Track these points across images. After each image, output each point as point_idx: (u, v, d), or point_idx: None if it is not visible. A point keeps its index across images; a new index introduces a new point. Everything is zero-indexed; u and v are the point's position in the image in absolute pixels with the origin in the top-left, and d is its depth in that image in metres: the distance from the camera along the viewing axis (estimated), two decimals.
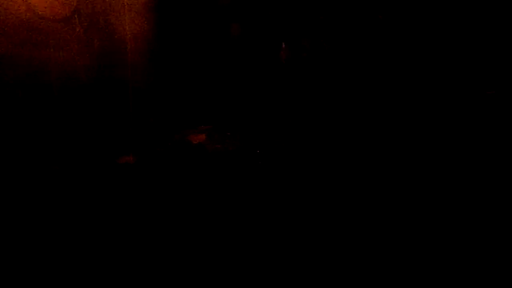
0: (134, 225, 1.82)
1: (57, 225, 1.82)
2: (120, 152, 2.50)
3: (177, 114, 2.85)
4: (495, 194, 1.90)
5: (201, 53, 3.22)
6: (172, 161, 2.31)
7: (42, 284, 1.41)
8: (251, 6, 3.32)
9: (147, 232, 1.76)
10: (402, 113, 2.56)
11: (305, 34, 3.22)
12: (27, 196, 2.07)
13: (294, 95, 2.96)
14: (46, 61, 2.39)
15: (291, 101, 2.92)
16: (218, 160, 2.29)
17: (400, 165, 2.22)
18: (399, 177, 2.14)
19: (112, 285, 1.42)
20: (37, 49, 2.33)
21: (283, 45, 3.20)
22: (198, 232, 1.75)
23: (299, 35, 3.24)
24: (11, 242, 1.65)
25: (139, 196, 2.08)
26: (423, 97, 2.56)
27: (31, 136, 2.30)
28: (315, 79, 3.02)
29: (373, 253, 1.55)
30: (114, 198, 2.08)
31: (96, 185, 2.23)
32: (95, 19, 2.63)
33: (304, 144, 2.50)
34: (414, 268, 1.46)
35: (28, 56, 2.29)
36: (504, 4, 2.43)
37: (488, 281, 1.38)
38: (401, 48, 2.77)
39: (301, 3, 3.19)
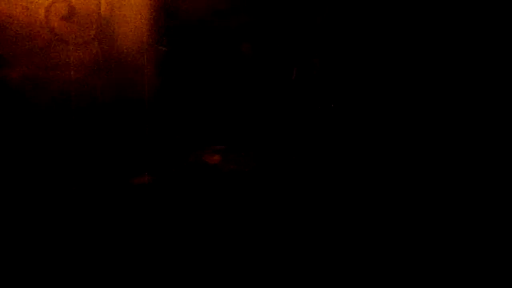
0: (149, 247, 1.83)
1: (70, 245, 1.83)
2: (135, 172, 2.52)
3: (191, 134, 2.88)
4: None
5: (214, 72, 3.28)
6: (188, 183, 2.33)
7: None
8: (262, 26, 3.39)
9: (161, 254, 1.76)
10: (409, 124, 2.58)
11: (315, 53, 3.27)
12: (44, 217, 2.09)
13: (307, 113, 2.98)
14: (67, 83, 2.44)
15: (304, 120, 2.94)
16: (234, 181, 2.31)
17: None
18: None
19: None
20: (59, 71, 2.39)
21: (295, 67, 3.25)
22: (213, 255, 1.75)
23: (310, 54, 3.29)
24: (25, 260, 1.66)
25: (154, 218, 2.09)
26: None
27: (50, 156, 2.33)
28: (326, 97, 3.05)
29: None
30: (129, 220, 2.09)
31: (112, 206, 2.24)
32: (113, 43, 2.69)
33: (321, 163, 2.51)
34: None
35: (50, 78, 2.35)
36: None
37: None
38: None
39: (311, 24, 3.26)
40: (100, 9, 2.55)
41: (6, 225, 1.94)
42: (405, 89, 2.79)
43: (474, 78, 2.55)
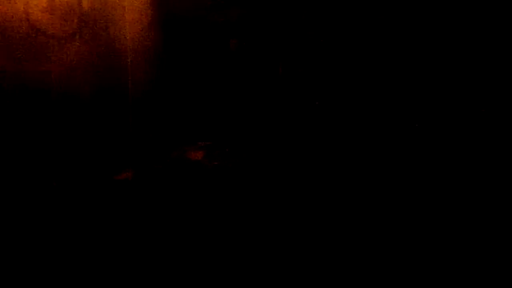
0: (129, 240, 1.81)
1: (51, 239, 1.80)
2: (118, 168, 2.50)
3: (176, 130, 2.86)
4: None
5: (200, 69, 3.26)
6: (170, 178, 2.31)
7: None
8: (249, 23, 3.37)
9: (142, 247, 1.75)
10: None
11: (301, 51, 3.27)
12: (24, 211, 2.06)
13: (292, 110, 2.98)
14: (48, 75, 2.40)
15: (290, 117, 2.94)
16: (216, 177, 2.30)
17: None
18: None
19: None
20: (39, 64, 2.35)
21: (280, 63, 3.24)
22: (194, 248, 1.74)
23: (295, 52, 3.29)
24: (8, 254, 1.64)
25: (135, 213, 2.07)
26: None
27: (31, 149, 2.30)
28: (311, 93, 3.05)
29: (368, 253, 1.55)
30: (110, 215, 2.07)
31: (93, 202, 2.22)
32: (95, 36, 2.65)
33: (304, 160, 2.51)
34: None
35: (30, 71, 2.31)
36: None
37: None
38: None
39: (297, 22, 3.25)
40: (81, 2, 2.51)
41: None
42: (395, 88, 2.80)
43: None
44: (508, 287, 1.34)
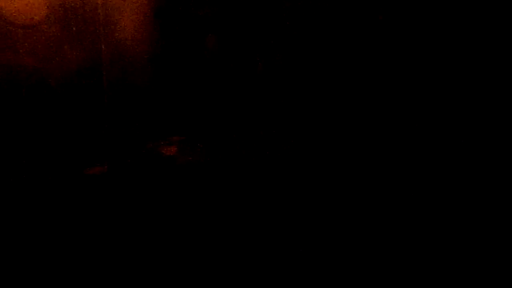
0: (100, 238, 1.77)
1: (13, 239, 1.75)
2: (87, 162, 2.44)
3: (149, 124, 2.82)
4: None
5: (175, 62, 3.21)
6: (141, 173, 2.27)
7: None
8: (228, 17, 3.34)
9: (111, 244, 1.72)
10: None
11: (279, 48, 3.27)
12: None
13: (268, 108, 2.98)
14: (16, 67, 2.32)
15: (264, 114, 2.94)
16: (188, 172, 2.27)
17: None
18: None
19: None
20: (4, 55, 2.27)
21: (259, 59, 3.23)
22: (163, 244, 1.72)
23: (274, 50, 3.28)
24: None
25: (105, 209, 2.03)
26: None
27: None
28: (287, 92, 3.05)
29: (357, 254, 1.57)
30: (77, 211, 2.02)
31: (57, 197, 2.16)
32: (67, 26, 2.57)
33: (277, 156, 2.52)
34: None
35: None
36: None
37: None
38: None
39: (276, 19, 3.24)
40: None
41: None
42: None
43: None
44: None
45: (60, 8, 2.47)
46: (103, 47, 2.84)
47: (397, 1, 2.78)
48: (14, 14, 2.26)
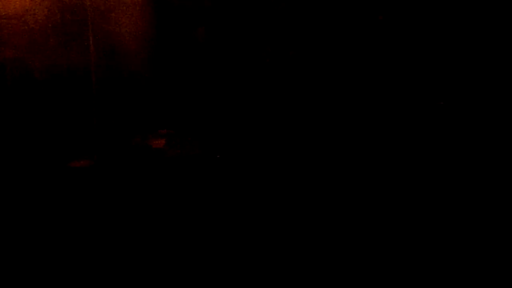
0: (83, 231, 1.73)
1: None
2: (74, 155, 2.39)
3: (137, 117, 2.77)
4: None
5: (164, 55, 3.17)
6: (128, 166, 2.23)
7: None
8: (217, 10, 3.31)
9: (94, 237, 1.68)
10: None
11: (269, 41, 3.25)
12: None
13: (257, 100, 2.96)
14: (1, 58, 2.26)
15: (253, 106, 2.92)
16: (176, 165, 2.24)
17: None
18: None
19: None
20: None
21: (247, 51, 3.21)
22: (148, 239, 1.68)
23: (263, 42, 3.26)
24: None
25: (90, 203, 1.99)
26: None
27: None
28: (277, 84, 3.04)
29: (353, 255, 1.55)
30: (58, 204, 1.97)
31: (41, 190, 2.11)
32: (51, 16, 2.52)
33: (266, 150, 2.49)
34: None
35: None
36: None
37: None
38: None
39: (266, 12, 3.22)
40: None
41: None
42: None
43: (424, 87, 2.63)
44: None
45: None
46: (91, 39, 2.79)
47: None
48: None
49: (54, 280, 1.38)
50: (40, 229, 1.75)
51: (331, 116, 2.74)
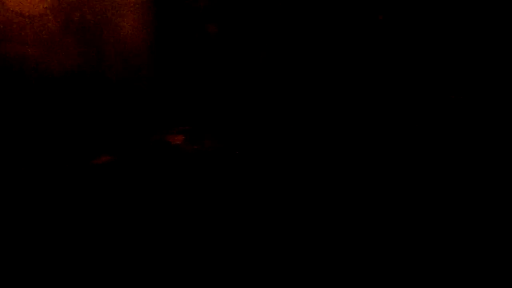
0: (101, 228, 1.80)
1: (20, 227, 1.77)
2: (96, 151, 2.46)
3: (156, 114, 2.83)
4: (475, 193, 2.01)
5: (179, 54, 3.21)
6: (149, 162, 2.30)
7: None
8: (228, 7, 3.34)
9: (114, 234, 1.75)
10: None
11: (281, 36, 3.28)
12: None
13: (271, 95, 3.01)
14: (23, 58, 2.31)
15: (268, 102, 2.96)
16: (195, 160, 2.30)
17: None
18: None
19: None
20: (14, 45, 2.26)
21: (262, 49, 3.25)
22: (169, 233, 1.75)
23: (275, 37, 3.29)
24: None
25: (110, 198, 2.06)
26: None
27: (3, 131, 2.22)
28: (290, 79, 3.08)
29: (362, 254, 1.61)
30: (80, 200, 2.04)
31: (64, 187, 2.18)
32: (71, 15, 2.57)
33: (283, 145, 2.55)
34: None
35: (5, 53, 2.22)
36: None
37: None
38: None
39: (274, 10, 3.25)
40: None
41: None
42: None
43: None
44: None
45: (64, 1, 2.46)
46: (106, 39, 2.83)
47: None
48: (19, 4, 2.24)
49: (87, 268, 1.46)
50: (64, 223, 1.82)
51: (352, 112, 2.79)
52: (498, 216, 1.82)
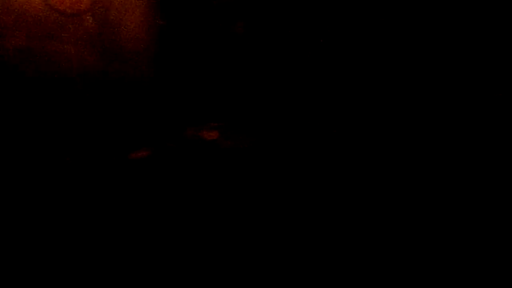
0: (141, 222, 1.84)
1: (60, 219, 1.83)
2: (132, 146, 2.52)
3: (189, 111, 2.88)
4: (495, 193, 2.00)
5: (208, 51, 3.25)
6: (185, 157, 2.34)
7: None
8: (255, 4, 3.35)
9: (152, 229, 1.79)
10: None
11: (309, 34, 3.27)
12: (35, 187, 2.07)
13: (303, 93, 3.01)
14: (63, 55, 2.38)
15: (300, 99, 2.97)
16: (230, 157, 2.33)
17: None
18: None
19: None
20: (54, 43, 2.33)
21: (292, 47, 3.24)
22: (205, 229, 1.78)
23: (304, 36, 3.29)
24: (16, 235, 1.66)
25: (149, 192, 2.10)
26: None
27: (46, 126, 2.29)
28: (320, 77, 3.07)
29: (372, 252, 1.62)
30: (124, 192, 2.09)
31: (104, 181, 2.24)
32: (108, 16, 2.62)
33: (315, 142, 2.56)
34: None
35: (45, 50, 2.29)
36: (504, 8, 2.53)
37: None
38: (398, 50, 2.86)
39: (302, 7, 3.24)
40: None
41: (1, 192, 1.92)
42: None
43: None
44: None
45: (99, 1, 2.51)
46: (143, 34, 2.88)
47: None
48: (60, 2, 2.31)
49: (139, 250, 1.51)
50: (106, 212, 1.87)
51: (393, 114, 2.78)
52: (498, 216, 1.80)
